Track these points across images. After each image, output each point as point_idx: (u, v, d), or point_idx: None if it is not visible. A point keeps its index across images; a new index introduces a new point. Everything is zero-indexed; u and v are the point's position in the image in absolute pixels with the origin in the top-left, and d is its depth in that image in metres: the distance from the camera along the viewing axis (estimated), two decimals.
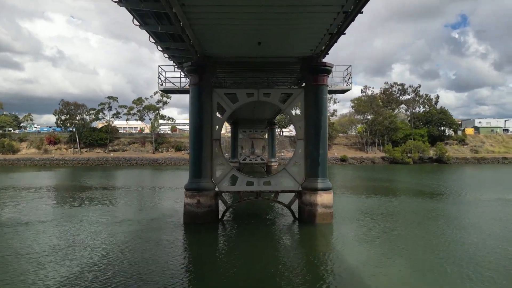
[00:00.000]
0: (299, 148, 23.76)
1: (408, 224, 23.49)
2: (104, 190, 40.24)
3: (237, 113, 61.67)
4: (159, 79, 25.02)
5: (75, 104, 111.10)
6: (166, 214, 25.80)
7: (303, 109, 23.60)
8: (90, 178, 57.67)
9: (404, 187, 45.38)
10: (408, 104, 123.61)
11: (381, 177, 60.52)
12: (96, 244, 18.14)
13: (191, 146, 23.06)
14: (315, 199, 22.38)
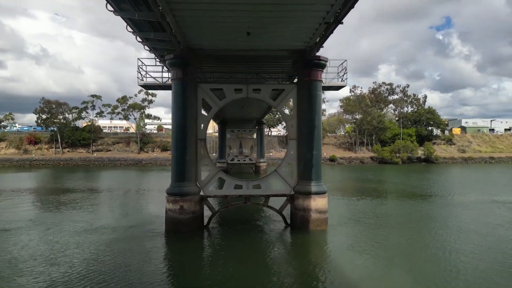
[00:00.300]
0: (291, 149, 22.02)
1: (404, 229, 22.03)
2: (82, 193, 37.79)
3: (225, 112, 59.75)
4: (138, 73, 22.92)
5: (57, 103, 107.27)
6: (146, 220, 23.74)
7: (295, 107, 21.86)
8: (69, 179, 54.88)
9: (395, 188, 44.15)
10: (396, 104, 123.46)
11: (371, 177, 59.39)
12: (59, 257, 15.99)
13: (174, 146, 21.08)
14: (308, 203, 20.66)
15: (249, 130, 71.97)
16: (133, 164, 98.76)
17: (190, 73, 20.70)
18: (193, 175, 21.09)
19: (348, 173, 72.58)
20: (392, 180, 55.60)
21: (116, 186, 45.72)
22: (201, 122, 21.49)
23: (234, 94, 21.81)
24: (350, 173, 74.36)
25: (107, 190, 40.90)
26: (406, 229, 22.12)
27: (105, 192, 39.63)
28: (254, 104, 46.33)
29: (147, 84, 23.66)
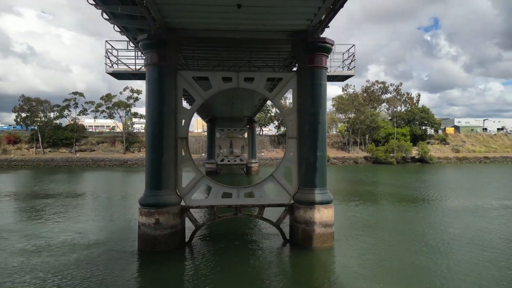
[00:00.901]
0: (290, 149, 18.48)
1: (418, 242, 18.63)
2: (52, 199, 33.70)
3: (214, 109, 56.01)
4: (107, 58, 19.07)
5: (37, 100, 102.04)
6: (117, 235, 19.95)
7: (295, 99, 18.32)
8: (45, 181, 50.50)
9: (396, 192, 40.91)
10: (390, 103, 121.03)
11: (368, 179, 56.26)
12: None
13: (148, 147, 17.38)
14: (311, 215, 17.14)
15: (240, 129, 68.17)
16: (118, 164, 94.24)
17: (168, 57, 16.99)
18: (172, 182, 17.40)
19: (342, 174, 69.39)
20: (390, 182, 52.49)
21: (94, 190, 41.62)
22: (182, 117, 17.80)
23: (222, 84, 18.14)
24: (345, 174, 71.20)
25: (82, 195, 36.81)
26: (421, 242, 18.75)
27: (79, 197, 35.54)
28: (245, 99, 42.78)
29: (117, 72, 19.77)
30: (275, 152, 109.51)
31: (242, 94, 39.01)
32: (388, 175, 66.68)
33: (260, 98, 42.69)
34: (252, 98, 41.79)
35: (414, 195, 36.97)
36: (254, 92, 40.05)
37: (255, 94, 39.10)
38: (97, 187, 45.21)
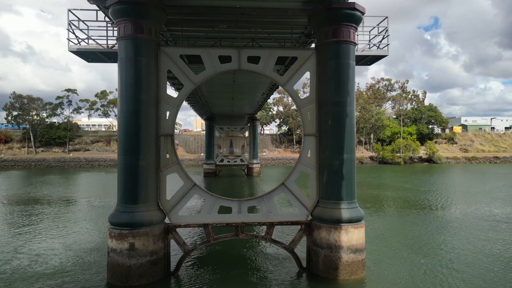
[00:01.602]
0: (307, 150, 14.26)
1: (465, 267, 14.42)
2: (27, 205, 29.55)
3: (212, 105, 51.75)
4: (70, 32, 14.79)
5: (29, 98, 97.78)
6: (86, 259, 15.74)
7: (314, 85, 14.08)
8: (30, 184, 46.35)
9: (412, 197, 36.63)
10: (396, 101, 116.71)
11: (376, 181, 52.06)
12: None
13: (121, 148, 13.14)
14: (337, 238, 12.94)
15: (241, 128, 63.85)
16: (113, 165, 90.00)
17: (147, 29, 12.77)
18: (153, 193, 13.20)
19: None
20: (401, 185, 48.19)
21: (79, 194, 37.41)
22: (166, 108, 13.58)
23: (219, 65, 13.91)
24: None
25: (63, 201, 32.59)
26: (464, 265, 14.54)
27: (59, 204, 31.31)
28: (246, 94, 38.60)
29: (83, 51, 15.49)
30: (276, 152, 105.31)
31: (243, 88, 34.92)
32: (397, 176, 62.45)
33: (262, 93, 38.50)
34: (254, 93, 37.60)
35: (432, 201, 32.90)
36: (257, 85, 35.97)
37: (258, 87, 34.94)
38: (84, 191, 41.02)
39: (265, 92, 37.42)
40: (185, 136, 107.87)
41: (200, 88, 37.12)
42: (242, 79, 29.81)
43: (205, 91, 37.83)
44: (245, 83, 31.94)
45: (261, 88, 34.60)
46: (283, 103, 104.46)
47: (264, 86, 33.68)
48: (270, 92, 36.88)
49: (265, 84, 32.21)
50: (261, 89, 35.20)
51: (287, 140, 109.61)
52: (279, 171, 73.06)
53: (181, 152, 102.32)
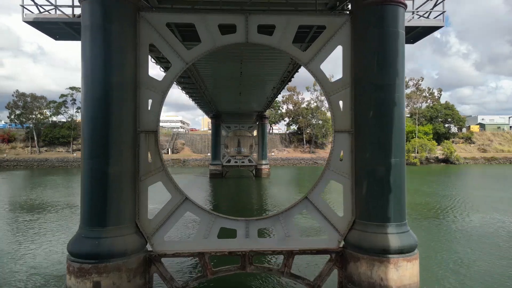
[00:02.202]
0: (338, 151, 10.58)
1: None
2: (12, 212, 26.40)
3: (218, 103, 48.33)
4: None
5: (32, 96, 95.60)
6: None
7: (348, 64, 10.38)
8: (27, 186, 43.46)
9: (440, 203, 32.67)
10: (410, 99, 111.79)
11: None
12: None
13: (85, 149, 9.60)
14: (382, 274, 9.24)
15: (249, 126, 60.17)
16: None
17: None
18: (128, 210, 9.66)
19: None
20: (423, 188, 44.17)
21: (69, 199, 34.19)
22: (149, 94, 10.03)
23: (219, 37, 10.29)
24: None
25: (50, 207, 29.37)
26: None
27: (43, 210, 28.08)
28: (255, 88, 34.99)
29: (41, 21, 11.99)
30: (286, 151, 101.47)
31: (251, 81, 31.43)
32: (414, 178, 58.31)
33: (273, 87, 34.85)
34: (264, 87, 34.03)
35: (459, 208, 29.04)
36: (267, 77, 32.18)
37: (268, 80, 31.36)
38: (76, 195, 37.79)
39: (276, 86, 33.78)
40: (191, 135, 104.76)
41: (204, 83, 33.64)
42: (250, 70, 26.38)
43: (210, 85, 34.40)
44: (253, 75, 28.45)
45: (271, 81, 31.03)
46: (293, 101, 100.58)
47: (275, 79, 30.10)
48: (282, 86, 33.22)
49: (276, 75, 28.66)
50: (271, 82, 31.62)
51: (296, 140, 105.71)
52: (289, 172, 69.40)
53: (188, 152, 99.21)
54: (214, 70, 28.30)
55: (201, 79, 31.39)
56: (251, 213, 27.49)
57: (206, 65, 25.71)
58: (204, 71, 28.14)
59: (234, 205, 31.89)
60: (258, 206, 31.61)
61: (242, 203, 33.10)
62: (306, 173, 67.16)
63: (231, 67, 25.35)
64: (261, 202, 33.71)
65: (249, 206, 31.14)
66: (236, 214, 26.24)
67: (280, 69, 26.79)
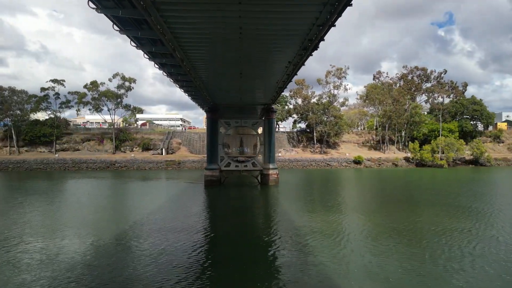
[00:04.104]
0: None
1: None
2: None
3: (215, 93, 37.77)
4: None
5: (11, 90, 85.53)
6: None
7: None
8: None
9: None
10: (433, 93, 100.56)
11: (427, 192, 37.19)
12: None
13: None
14: None
15: (253, 123, 49.12)
16: (103, 167, 76.95)
17: None
18: None
19: (383, 183, 50.38)
20: (471, 199, 33.35)
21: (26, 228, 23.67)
22: None
23: None
24: (386, 182, 52.20)
25: None
26: None
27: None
28: (261, 70, 24.52)
29: None
30: (294, 152, 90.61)
31: (255, 61, 21.11)
32: (450, 184, 47.50)
33: (289, 62, 24.06)
34: (275, 58, 23.38)
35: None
36: (280, 38, 18.44)
37: (282, 47, 20.69)
38: (42, 215, 27.27)
39: (293, 60, 23.04)
40: (188, 134, 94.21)
41: (192, 63, 23.55)
42: (254, 24, 15.96)
43: (200, 67, 24.24)
44: (260, 34, 18.00)
45: (287, 47, 20.40)
46: (302, 95, 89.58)
47: (292, 43, 19.50)
48: (303, 57, 22.35)
49: (295, 35, 18.13)
50: (287, 50, 20.98)
51: (305, 139, 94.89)
52: (301, 177, 58.61)
53: (184, 152, 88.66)
54: (207, 49, 20.20)
55: (189, 60, 21.73)
56: (260, 258, 17.02)
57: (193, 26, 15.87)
58: (190, 36, 18.48)
59: (234, 235, 21.36)
60: (269, 236, 20.98)
61: (246, 230, 22.50)
62: (321, 179, 56.37)
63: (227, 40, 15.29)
64: (274, 229, 23.05)
65: (257, 238, 20.52)
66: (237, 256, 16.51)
67: (304, 22, 16.27)
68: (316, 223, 23.73)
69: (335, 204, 31.76)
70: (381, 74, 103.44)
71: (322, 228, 22.10)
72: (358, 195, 38.30)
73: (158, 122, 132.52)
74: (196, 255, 17.15)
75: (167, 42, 18.48)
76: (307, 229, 21.90)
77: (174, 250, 17.66)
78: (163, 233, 20.91)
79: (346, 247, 18.31)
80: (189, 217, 26.06)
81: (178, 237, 20.00)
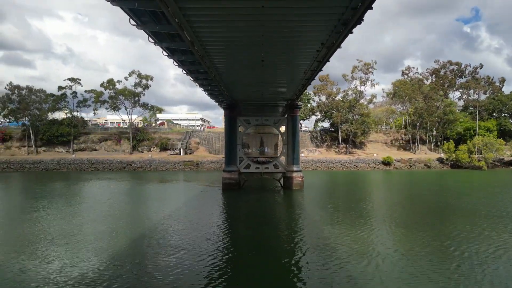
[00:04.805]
0: None
1: None
2: None
3: (234, 87, 33.81)
4: None
5: (29, 89, 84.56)
6: None
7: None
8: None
9: None
10: (468, 89, 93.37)
11: (480, 202, 31.92)
12: None
13: None
14: None
15: (275, 121, 44.90)
16: (120, 168, 74.66)
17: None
18: None
19: (424, 186, 44.99)
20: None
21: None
22: None
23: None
24: (426, 185, 46.76)
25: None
26: None
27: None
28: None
29: None
30: (317, 152, 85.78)
31: (278, 51, 17.14)
32: (500, 190, 41.77)
33: (317, 49, 19.83)
34: (301, 50, 19.27)
35: None
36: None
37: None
38: (49, 222, 24.19)
39: (327, 43, 18.75)
40: (207, 133, 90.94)
41: (204, 47, 19.76)
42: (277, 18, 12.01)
43: (213, 52, 20.52)
44: (283, 28, 14.14)
45: (312, 39, 16.34)
46: (327, 91, 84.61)
47: (319, 32, 15.43)
48: (329, 52, 18.21)
49: (322, 23, 14.09)
50: (312, 41, 16.90)
51: (329, 138, 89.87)
52: (327, 180, 53.93)
53: (203, 152, 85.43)
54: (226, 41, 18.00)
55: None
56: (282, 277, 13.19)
57: None
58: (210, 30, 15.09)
59: (256, 253, 17.46)
60: (293, 255, 16.90)
61: (268, 246, 18.57)
62: (349, 182, 51.55)
63: None
64: (299, 246, 18.93)
65: (279, 256, 16.53)
66: None
67: None
68: (347, 239, 19.79)
69: (368, 214, 27.36)
70: (410, 69, 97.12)
71: (355, 246, 18.26)
72: (393, 203, 33.52)
73: (178, 121, 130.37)
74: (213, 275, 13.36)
75: None
76: (336, 247, 17.89)
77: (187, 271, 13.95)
78: (175, 252, 17.28)
79: (379, 269, 15.06)
80: (205, 230, 22.27)
81: (191, 256, 16.32)
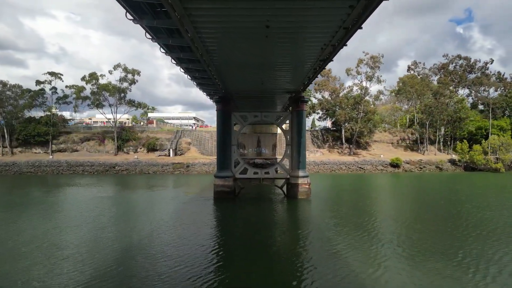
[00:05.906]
0: None
1: None
2: None
3: (229, 75, 27.18)
4: None
5: (3, 83, 76.96)
6: None
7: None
8: None
9: None
10: (479, 85, 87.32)
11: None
12: None
13: None
14: None
15: (277, 117, 37.80)
16: (102, 171, 67.56)
17: None
18: None
19: (432, 194, 38.46)
20: None
21: None
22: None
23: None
24: (445, 190, 40.24)
25: None
26: None
27: None
28: (292, 40, 13.45)
29: None
30: (319, 153, 79.11)
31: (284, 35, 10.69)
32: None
33: (336, 30, 13.12)
34: (314, 30, 12.54)
35: None
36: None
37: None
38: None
39: (339, 31, 12.10)
40: (199, 132, 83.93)
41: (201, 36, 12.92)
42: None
43: (210, 39, 13.97)
44: None
45: (331, 16, 9.60)
46: (330, 87, 77.93)
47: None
48: (348, 33, 11.71)
49: None
50: (331, 19, 10.22)
51: (332, 138, 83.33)
52: (334, 187, 47.09)
53: (194, 153, 78.36)
54: None
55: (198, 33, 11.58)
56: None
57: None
58: None
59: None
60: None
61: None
62: (359, 188, 44.90)
63: None
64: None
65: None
66: None
67: None
68: None
69: (394, 237, 20.75)
70: (417, 65, 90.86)
71: None
72: (413, 217, 27.03)
73: (171, 121, 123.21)
74: None
75: None
76: None
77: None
78: None
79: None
80: (186, 261, 15.44)
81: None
